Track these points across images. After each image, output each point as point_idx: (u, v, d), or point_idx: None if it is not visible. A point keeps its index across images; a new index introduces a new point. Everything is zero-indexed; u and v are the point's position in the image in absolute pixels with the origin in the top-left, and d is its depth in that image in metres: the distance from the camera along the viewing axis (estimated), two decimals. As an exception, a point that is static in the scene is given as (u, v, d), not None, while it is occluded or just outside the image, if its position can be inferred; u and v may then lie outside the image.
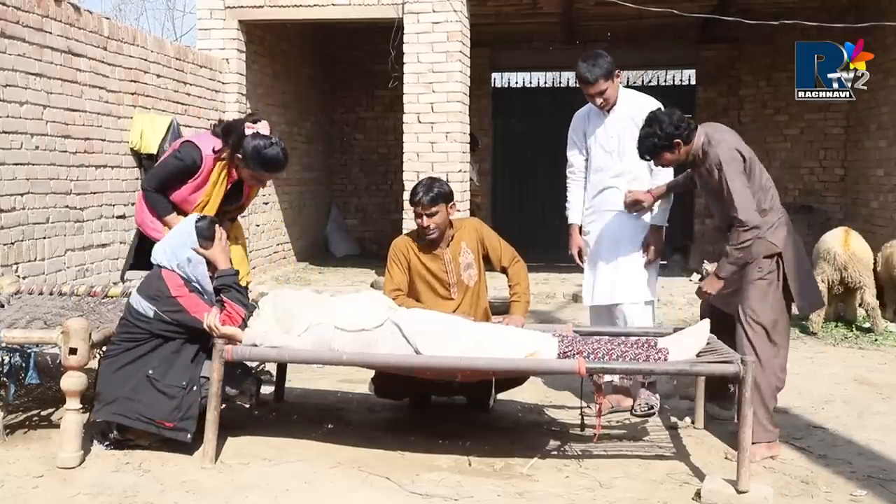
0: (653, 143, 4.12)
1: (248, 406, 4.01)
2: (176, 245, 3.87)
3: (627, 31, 11.71)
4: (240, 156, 4.24)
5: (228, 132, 4.24)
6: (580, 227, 4.85)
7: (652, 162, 4.34)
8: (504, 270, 4.55)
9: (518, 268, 4.53)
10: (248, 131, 4.25)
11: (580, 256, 4.83)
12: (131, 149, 7.09)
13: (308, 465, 3.72)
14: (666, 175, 4.62)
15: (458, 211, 8.13)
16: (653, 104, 4.70)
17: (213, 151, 4.22)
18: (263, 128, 4.32)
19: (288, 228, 10.73)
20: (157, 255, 3.90)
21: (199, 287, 3.84)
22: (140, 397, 3.73)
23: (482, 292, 4.52)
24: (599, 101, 4.71)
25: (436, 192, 4.31)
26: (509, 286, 4.53)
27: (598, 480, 3.60)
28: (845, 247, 6.64)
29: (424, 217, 4.31)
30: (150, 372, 3.74)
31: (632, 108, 4.72)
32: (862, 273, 6.61)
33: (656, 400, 4.57)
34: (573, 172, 4.93)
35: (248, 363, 4.05)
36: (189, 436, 3.73)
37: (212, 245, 3.90)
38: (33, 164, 5.83)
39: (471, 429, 4.24)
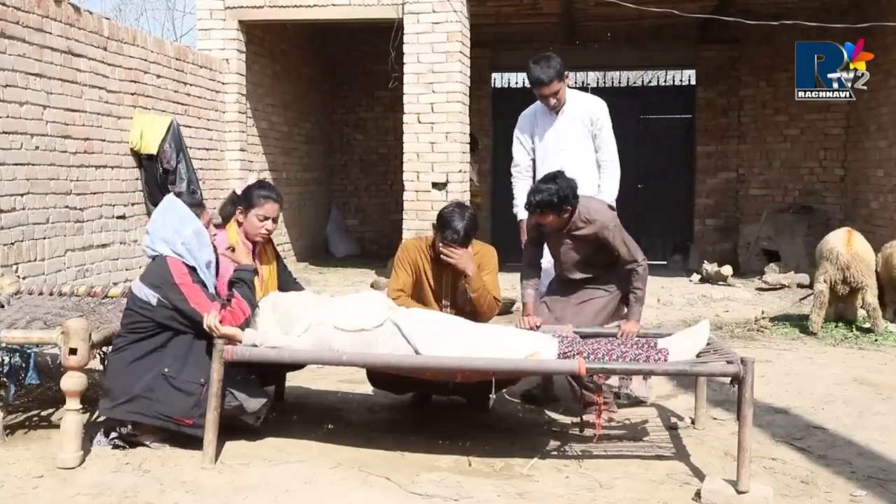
0: (547, 200, 4.23)
1: (252, 423, 3.98)
2: (176, 224, 3.84)
3: (627, 31, 11.71)
4: (241, 207, 4.33)
5: (236, 203, 4.39)
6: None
7: (598, 157, 4.94)
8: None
9: (491, 300, 4.45)
10: (239, 189, 4.43)
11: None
12: (131, 149, 7.09)
13: (308, 465, 3.72)
14: (609, 188, 4.99)
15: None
16: (598, 104, 5.02)
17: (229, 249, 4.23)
18: (251, 178, 4.53)
19: (288, 229, 10.73)
20: (157, 245, 3.86)
21: (202, 279, 3.84)
22: (157, 395, 3.74)
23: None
24: (553, 101, 4.95)
25: (471, 236, 4.34)
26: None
27: (598, 480, 3.60)
28: (848, 247, 6.63)
29: (456, 246, 4.30)
30: (166, 370, 3.75)
31: (579, 108, 5.01)
32: (864, 273, 6.60)
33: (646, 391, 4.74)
34: (520, 171, 5.21)
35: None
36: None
37: (204, 209, 4.00)
38: (33, 164, 5.84)
39: (471, 429, 4.24)
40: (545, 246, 4.63)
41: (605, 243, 4.34)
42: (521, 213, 4.96)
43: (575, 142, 4.96)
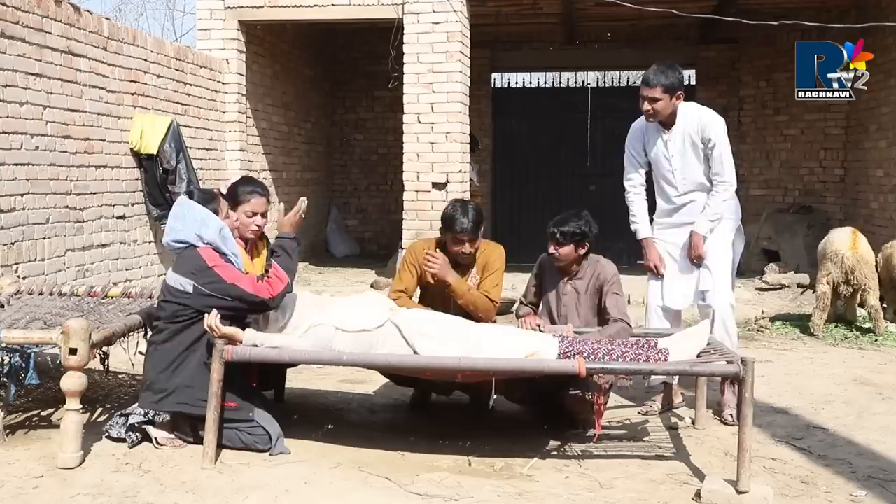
0: (571, 232, 4.38)
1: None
2: (198, 228, 3.88)
3: (627, 31, 11.71)
4: (228, 207, 4.33)
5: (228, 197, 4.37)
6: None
7: (710, 175, 4.55)
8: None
9: (488, 303, 4.45)
10: (223, 189, 4.45)
11: (657, 268, 4.71)
12: (131, 149, 7.09)
13: (308, 465, 3.72)
14: (712, 208, 4.58)
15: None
16: (711, 121, 4.58)
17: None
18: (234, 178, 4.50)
19: (288, 229, 10.71)
20: (188, 236, 3.88)
21: (232, 260, 3.88)
22: (198, 383, 3.77)
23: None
24: (647, 106, 4.53)
25: (476, 221, 4.36)
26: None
27: (598, 480, 3.60)
28: (853, 249, 6.60)
29: (468, 244, 4.35)
30: (207, 360, 3.77)
31: (690, 126, 4.57)
32: (868, 276, 6.58)
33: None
34: (633, 187, 4.84)
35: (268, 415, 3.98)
36: (251, 414, 3.81)
37: (220, 202, 4.10)
38: (33, 164, 5.83)
39: (471, 429, 4.24)
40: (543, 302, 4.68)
41: (600, 291, 4.45)
42: (643, 232, 4.75)
43: (686, 164, 4.59)
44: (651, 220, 4.82)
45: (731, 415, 4.38)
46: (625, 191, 4.88)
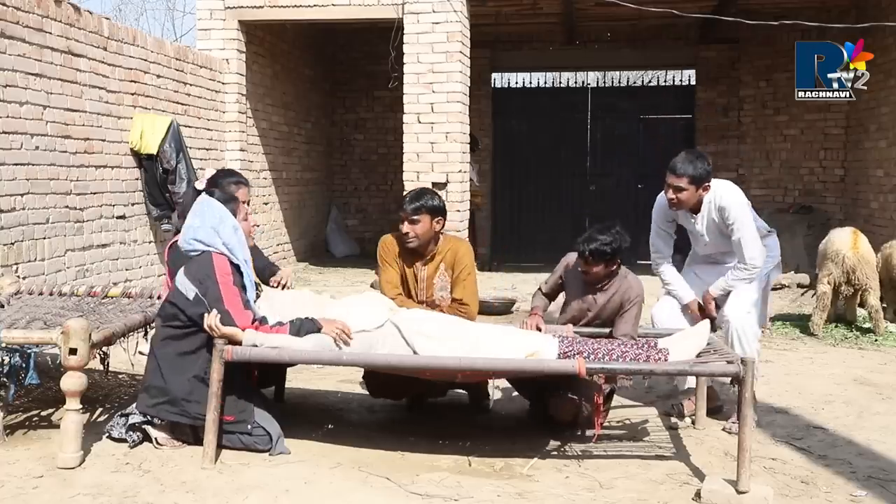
0: (603, 251, 4.22)
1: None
2: (215, 224, 3.88)
3: (627, 31, 11.71)
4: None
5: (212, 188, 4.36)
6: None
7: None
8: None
9: (464, 309, 4.42)
10: (199, 185, 4.39)
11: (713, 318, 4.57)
12: (131, 149, 7.09)
13: (308, 465, 3.72)
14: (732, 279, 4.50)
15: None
16: (724, 199, 4.45)
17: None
18: (208, 173, 4.53)
19: (288, 229, 10.73)
20: (206, 234, 3.87)
21: (244, 283, 3.87)
22: (195, 397, 3.77)
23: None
24: (671, 195, 4.47)
25: (422, 203, 4.34)
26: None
27: (598, 480, 3.60)
28: (854, 249, 6.59)
29: (406, 223, 4.35)
30: (205, 374, 3.76)
31: (712, 211, 4.50)
32: (869, 276, 6.57)
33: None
34: (662, 257, 4.75)
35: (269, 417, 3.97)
36: (249, 426, 3.79)
37: (239, 204, 4.09)
38: (33, 164, 5.83)
39: (471, 429, 4.24)
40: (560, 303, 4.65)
41: (621, 307, 4.35)
42: (687, 297, 4.62)
43: (717, 238, 4.54)
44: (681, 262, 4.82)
45: (733, 423, 4.31)
46: (653, 261, 4.78)
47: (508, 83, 12.70)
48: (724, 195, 4.46)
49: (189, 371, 3.81)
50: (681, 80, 12.59)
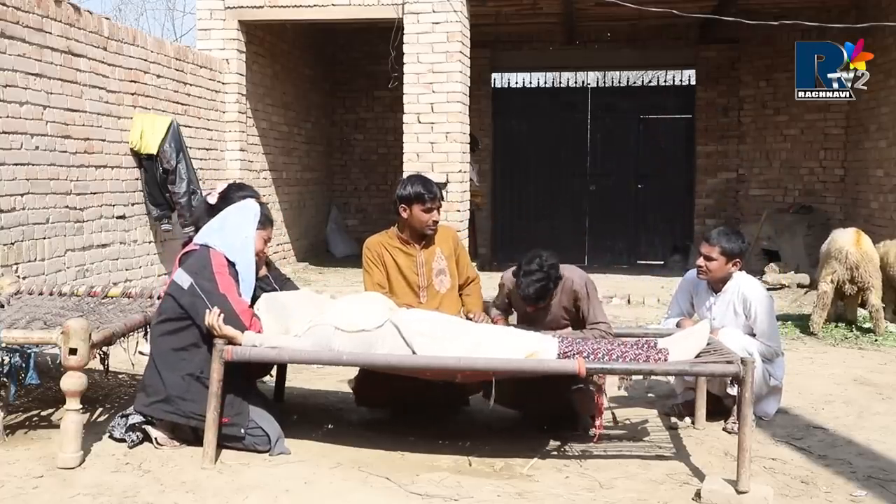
0: (545, 288, 4.21)
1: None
2: (237, 224, 3.95)
3: (627, 31, 11.71)
4: None
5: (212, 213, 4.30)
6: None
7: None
8: (461, 286, 4.65)
9: (475, 285, 4.68)
10: (211, 199, 4.32)
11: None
12: (131, 149, 7.09)
13: (308, 465, 3.72)
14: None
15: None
16: (751, 288, 4.53)
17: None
18: (220, 187, 4.43)
19: (288, 229, 10.73)
20: (212, 237, 3.93)
21: (238, 276, 3.90)
22: (191, 396, 3.77)
23: (455, 300, 4.55)
24: (701, 262, 4.53)
25: (439, 193, 4.50)
26: (462, 295, 4.63)
27: (598, 480, 3.60)
28: (857, 247, 6.60)
29: (436, 211, 4.44)
30: (200, 373, 3.78)
31: (735, 297, 4.55)
32: (872, 274, 6.58)
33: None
34: (671, 316, 4.85)
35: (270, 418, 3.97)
36: (243, 430, 3.79)
37: (270, 229, 4.13)
38: (33, 164, 5.84)
39: (471, 429, 4.24)
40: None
41: (575, 299, 4.35)
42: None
43: (724, 323, 4.54)
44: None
45: (733, 423, 4.32)
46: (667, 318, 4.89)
47: (508, 83, 12.70)
48: (753, 288, 4.55)
49: (184, 369, 3.81)
50: (681, 80, 12.59)
